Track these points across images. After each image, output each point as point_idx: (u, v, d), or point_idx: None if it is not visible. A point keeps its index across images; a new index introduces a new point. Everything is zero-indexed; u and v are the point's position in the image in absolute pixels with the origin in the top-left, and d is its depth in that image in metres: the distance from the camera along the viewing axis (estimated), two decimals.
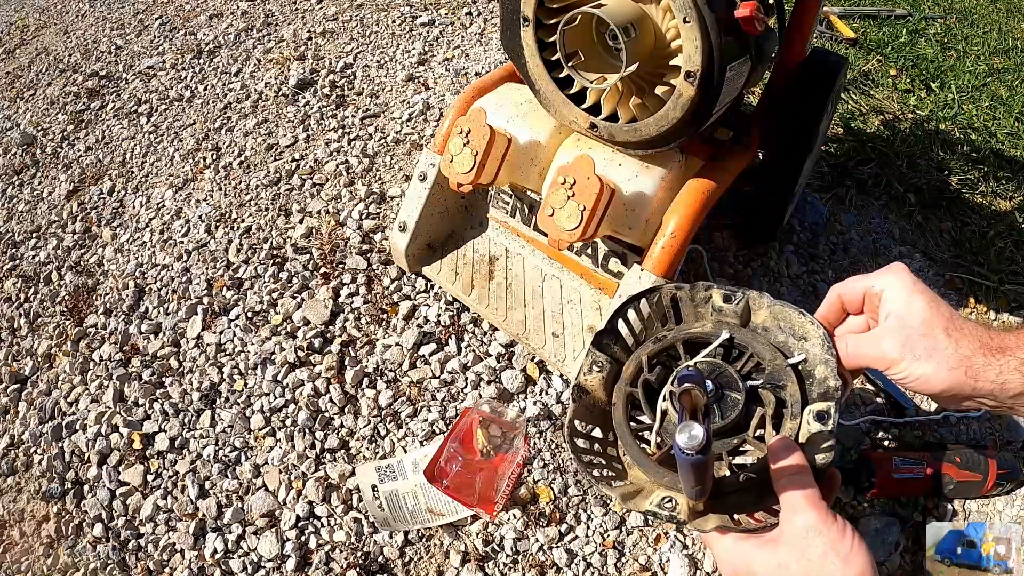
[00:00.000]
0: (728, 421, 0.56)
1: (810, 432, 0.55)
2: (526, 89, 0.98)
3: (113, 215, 1.46)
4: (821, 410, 0.56)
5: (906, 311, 0.52)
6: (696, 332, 0.64)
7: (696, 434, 0.44)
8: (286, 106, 1.66)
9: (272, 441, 1.03)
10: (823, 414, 0.55)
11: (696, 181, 0.92)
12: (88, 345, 1.20)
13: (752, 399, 0.58)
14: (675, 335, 0.65)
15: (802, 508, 0.48)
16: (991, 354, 0.48)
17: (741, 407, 0.57)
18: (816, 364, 0.59)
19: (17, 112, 1.83)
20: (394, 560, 0.91)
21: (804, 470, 0.50)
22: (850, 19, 1.99)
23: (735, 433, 0.57)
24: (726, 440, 0.57)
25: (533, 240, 1.13)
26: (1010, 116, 1.62)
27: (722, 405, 0.58)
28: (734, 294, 0.64)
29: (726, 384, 0.59)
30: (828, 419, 0.55)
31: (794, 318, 0.62)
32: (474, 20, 1.92)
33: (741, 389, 0.57)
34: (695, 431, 0.44)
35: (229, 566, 0.92)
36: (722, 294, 0.64)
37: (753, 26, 0.76)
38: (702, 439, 0.44)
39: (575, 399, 0.64)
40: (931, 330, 0.50)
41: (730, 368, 0.59)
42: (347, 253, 1.26)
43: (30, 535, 0.99)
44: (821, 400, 0.57)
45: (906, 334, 0.51)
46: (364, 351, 1.12)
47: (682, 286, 0.66)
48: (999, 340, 0.48)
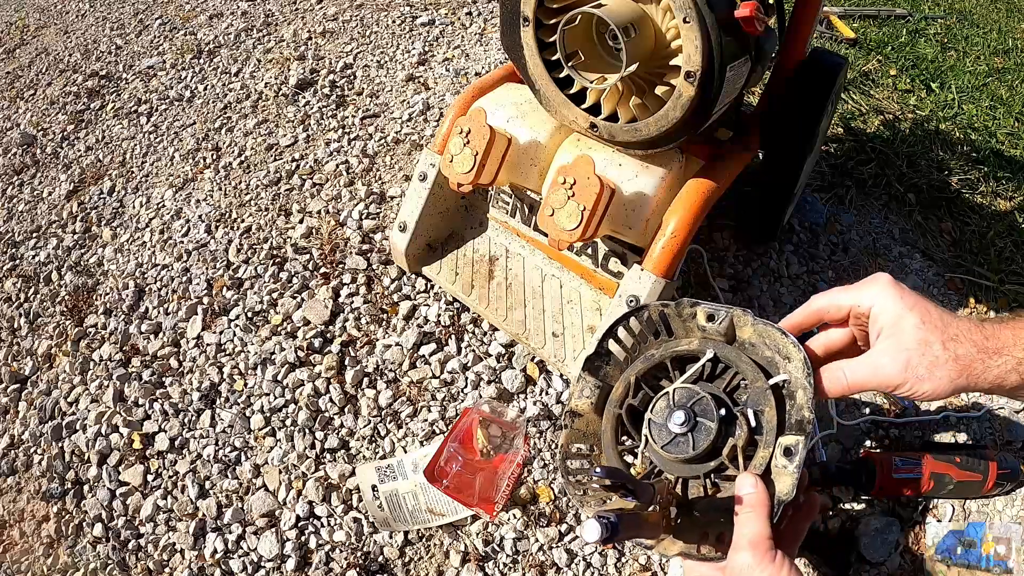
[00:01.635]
0: (699, 452, 0.59)
1: (776, 466, 0.57)
2: (526, 89, 0.98)
3: (113, 215, 1.46)
4: (789, 445, 0.58)
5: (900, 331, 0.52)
6: (683, 349, 0.66)
7: (591, 530, 0.49)
8: (286, 106, 1.66)
9: (272, 441, 1.03)
10: (790, 449, 0.58)
11: (696, 181, 0.92)
12: (88, 345, 1.20)
13: (730, 422, 0.60)
14: (663, 352, 0.67)
15: (743, 547, 0.52)
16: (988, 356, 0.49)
17: (713, 435, 0.59)
18: (797, 388, 0.60)
19: (17, 112, 1.83)
20: (394, 560, 0.91)
21: (758, 508, 0.53)
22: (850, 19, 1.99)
23: (711, 457, 0.60)
24: (703, 464, 0.60)
25: (533, 240, 1.13)
26: (1010, 116, 1.62)
27: (695, 434, 0.60)
28: (717, 313, 0.65)
29: (702, 412, 0.61)
30: (794, 455, 0.57)
31: (777, 337, 0.64)
32: (474, 20, 1.92)
33: (715, 418, 0.59)
34: (590, 527, 0.49)
35: (229, 566, 0.92)
36: (706, 313, 0.66)
37: (753, 26, 0.76)
38: (599, 534, 0.49)
39: (567, 424, 0.66)
40: (928, 347, 0.50)
41: (707, 395, 0.61)
42: (347, 253, 1.26)
43: (30, 535, 0.99)
44: (795, 430, 0.59)
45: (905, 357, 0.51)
46: (364, 351, 1.12)
47: (668, 304, 0.68)
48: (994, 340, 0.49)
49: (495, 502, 0.90)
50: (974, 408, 1.00)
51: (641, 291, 0.91)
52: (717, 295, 1.13)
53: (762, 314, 1.12)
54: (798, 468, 0.57)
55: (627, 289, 0.92)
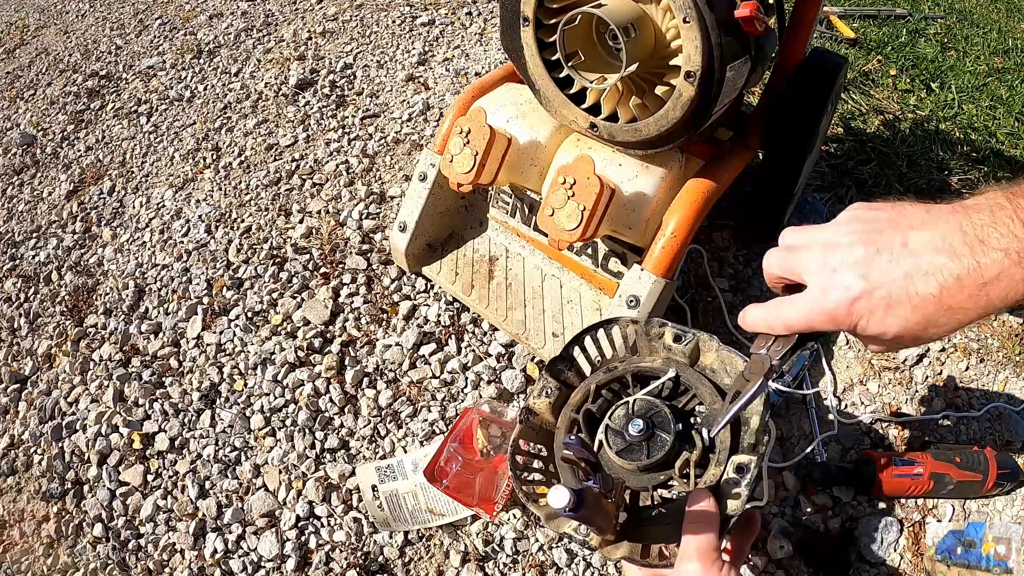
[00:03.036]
0: (654, 460, 0.60)
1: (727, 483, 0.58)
2: (526, 89, 0.98)
3: (113, 215, 1.46)
4: (742, 463, 0.59)
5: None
6: (646, 366, 0.67)
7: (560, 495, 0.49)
8: (286, 106, 1.66)
9: (272, 441, 1.03)
10: (743, 467, 0.58)
11: (696, 181, 0.92)
12: (88, 345, 1.20)
13: (684, 439, 0.61)
14: (626, 367, 0.68)
15: (690, 556, 0.52)
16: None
17: (668, 448, 0.60)
18: (752, 414, 0.61)
19: (17, 112, 1.83)
20: (394, 560, 0.91)
21: (708, 520, 0.53)
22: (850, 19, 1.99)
23: (663, 468, 0.61)
24: (653, 475, 0.61)
25: (533, 240, 1.13)
26: (1010, 116, 1.62)
27: (651, 444, 0.61)
28: (685, 335, 0.66)
29: (659, 424, 0.62)
30: (746, 473, 0.58)
31: (739, 365, 0.65)
32: (474, 20, 1.92)
33: (671, 431, 0.60)
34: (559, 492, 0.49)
35: (229, 566, 0.92)
36: (673, 334, 0.67)
37: (753, 26, 0.76)
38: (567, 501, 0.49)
39: (522, 420, 0.67)
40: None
41: (666, 409, 0.62)
42: (347, 253, 1.26)
43: (30, 535, 0.99)
44: (748, 452, 0.60)
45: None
46: (364, 351, 1.12)
47: (637, 320, 0.69)
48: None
49: (495, 502, 0.90)
50: (974, 408, 1.00)
51: (641, 291, 0.91)
52: (717, 295, 1.13)
53: None
54: (748, 486, 0.58)
55: (627, 289, 0.92)
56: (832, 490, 0.93)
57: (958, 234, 0.41)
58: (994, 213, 0.41)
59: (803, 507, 0.91)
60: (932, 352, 1.07)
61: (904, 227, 0.45)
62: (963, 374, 1.04)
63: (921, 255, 0.43)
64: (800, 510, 0.92)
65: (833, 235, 0.48)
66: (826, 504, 0.92)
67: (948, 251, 0.41)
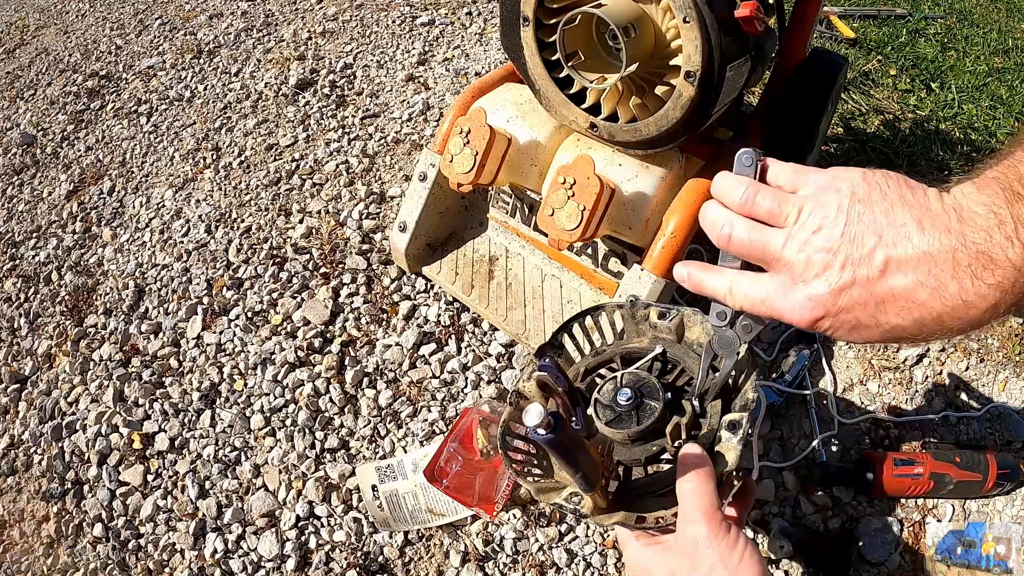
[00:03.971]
0: (644, 426, 0.58)
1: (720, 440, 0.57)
2: (526, 89, 0.98)
3: (113, 215, 1.46)
4: (733, 420, 0.58)
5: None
6: (633, 347, 0.68)
7: (533, 410, 0.46)
8: (286, 106, 1.66)
9: (272, 441, 1.03)
10: (734, 423, 0.57)
11: (696, 181, 0.92)
12: (88, 345, 1.20)
13: (674, 408, 0.60)
14: (614, 349, 0.69)
15: (695, 519, 0.48)
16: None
17: (658, 414, 0.59)
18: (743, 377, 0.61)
19: (17, 112, 1.83)
20: (394, 560, 0.91)
21: (705, 480, 0.50)
22: (850, 19, 1.99)
23: (655, 438, 0.59)
24: (645, 446, 0.59)
25: (533, 240, 1.13)
26: (1010, 116, 1.62)
27: (640, 412, 0.60)
28: (669, 311, 0.67)
29: (648, 394, 0.61)
30: (738, 428, 0.57)
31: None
32: (474, 20, 1.92)
33: (660, 398, 0.59)
34: (532, 408, 0.46)
35: (229, 566, 0.92)
36: (658, 311, 0.67)
37: (753, 26, 0.76)
38: (540, 416, 0.46)
39: (512, 403, 0.67)
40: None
41: (653, 379, 0.61)
42: (347, 253, 1.26)
43: (30, 535, 0.99)
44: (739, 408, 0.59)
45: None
46: (364, 351, 1.12)
47: (623, 304, 0.69)
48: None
49: (495, 502, 0.90)
50: (974, 408, 1.00)
51: (641, 291, 0.91)
52: None
53: None
54: (741, 441, 0.56)
55: (627, 289, 0.92)
56: (832, 490, 0.93)
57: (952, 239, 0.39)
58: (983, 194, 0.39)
59: (803, 507, 0.91)
60: (932, 352, 1.07)
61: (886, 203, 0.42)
62: (963, 374, 1.04)
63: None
64: (800, 510, 0.92)
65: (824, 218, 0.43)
66: (826, 504, 0.92)
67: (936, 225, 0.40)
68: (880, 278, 0.40)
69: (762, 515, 0.91)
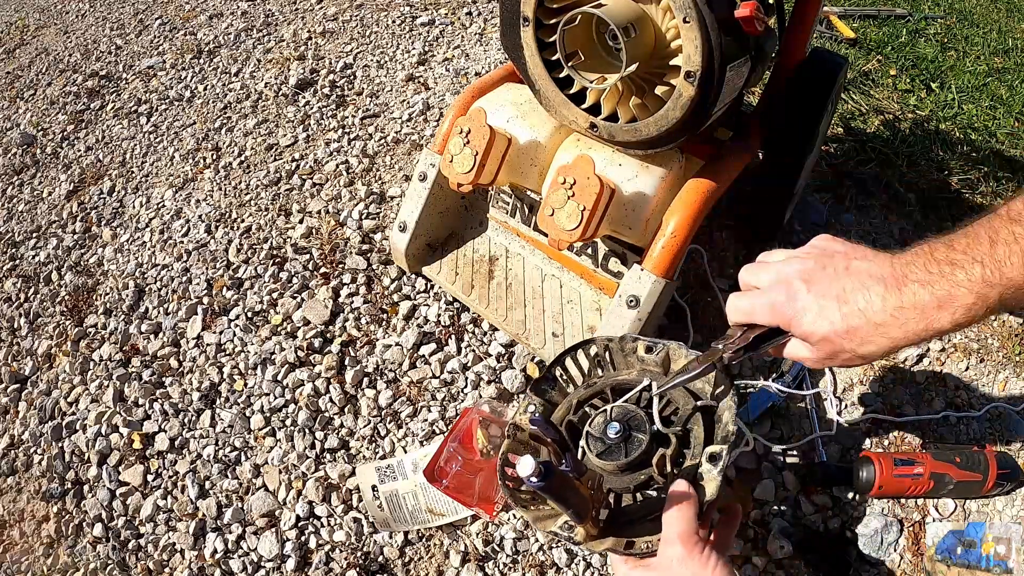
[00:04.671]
0: (632, 458, 0.64)
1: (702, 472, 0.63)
2: (526, 89, 0.98)
3: (113, 215, 1.46)
4: (714, 452, 0.64)
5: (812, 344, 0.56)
6: (622, 379, 0.73)
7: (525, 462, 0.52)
8: (286, 106, 1.66)
9: (272, 441, 1.03)
10: (715, 456, 0.63)
11: (696, 181, 0.92)
12: (88, 345, 1.20)
13: (660, 439, 0.66)
14: (604, 381, 0.75)
15: (672, 541, 0.55)
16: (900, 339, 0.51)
17: (644, 446, 0.64)
18: (723, 410, 0.67)
19: (17, 112, 1.83)
20: (394, 560, 0.91)
21: (686, 504, 0.56)
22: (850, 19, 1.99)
23: (642, 468, 0.65)
24: (633, 475, 0.65)
25: (533, 240, 1.13)
26: (1010, 116, 1.62)
27: (628, 444, 0.66)
28: (655, 346, 0.73)
29: (635, 427, 0.67)
30: (719, 461, 0.63)
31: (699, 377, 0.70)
32: (474, 20, 1.92)
33: (647, 432, 0.65)
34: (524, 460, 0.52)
35: (229, 566, 0.92)
36: (645, 345, 0.73)
37: (753, 26, 0.76)
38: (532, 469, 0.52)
39: (509, 435, 0.72)
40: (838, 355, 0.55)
41: (640, 412, 0.67)
42: (347, 253, 1.26)
43: (30, 535, 0.99)
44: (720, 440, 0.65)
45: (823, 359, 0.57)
46: (364, 351, 1.12)
47: (612, 339, 0.75)
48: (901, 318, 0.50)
49: (495, 502, 0.90)
50: (974, 408, 1.00)
51: (641, 291, 0.91)
52: (717, 295, 1.13)
53: None
54: (721, 472, 0.62)
55: (627, 289, 0.92)
56: (832, 490, 0.93)
57: (888, 267, 0.51)
58: (916, 255, 0.51)
59: (803, 507, 0.91)
60: (932, 352, 1.07)
61: (851, 256, 0.54)
62: (963, 374, 1.04)
63: (857, 276, 0.52)
64: (800, 510, 0.92)
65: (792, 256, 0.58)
66: (826, 504, 0.92)
67: (877, 277, 0.51)
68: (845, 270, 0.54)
69: (762, 515, 0.91)
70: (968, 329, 1.10)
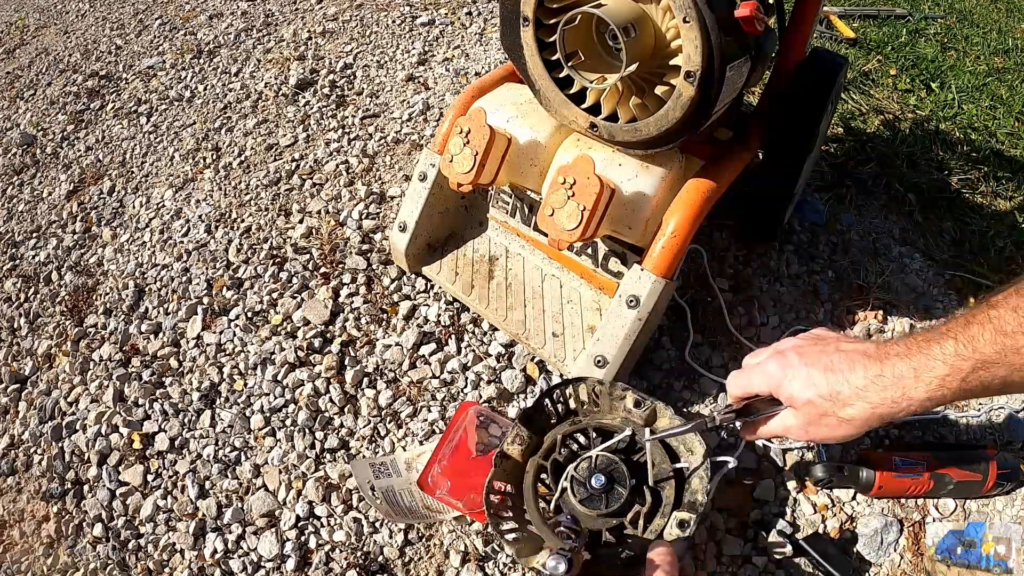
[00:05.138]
0: (612, 509, 0.75)
1: (671, 534, 0.73)
2: (526, 89, 0.98)
3: (113, 215, 1.46)
4: (683, 519, 0.74)
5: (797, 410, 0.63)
6: (607, 423, 0.82)
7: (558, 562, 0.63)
8: (286, 106, 1.66)
9: (272, 441, 1.03)
10: (684, 523, 0.73)
11: (696, 181, 0.92)
12: (88, 345, 1.20)
13: (636, 492, 0.76)
14: (589, 420, 0.82)
15: None
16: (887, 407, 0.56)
17: (623, 501, 0.74)
18: (695, 476, 0.77)
19: (17, 112, 1.83)
20: (394, 560, 0.91)
21: (670, 569, 0.66)
22: (850, 19, 1.99)
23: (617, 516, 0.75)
24: (607, 519, 0.75)
25: (533, 240, 1.13)
26: (1010, 116, 1.62)
27: (610, 496, 0.75)
28: (644, 401, 0.80)
29: (618, 479, 0.76)
30: (687, 527, 0.73)
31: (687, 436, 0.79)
32: (474, 20, 1.92)
33: (627, 486, 0.75)
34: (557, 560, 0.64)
35: (229, 566, 0.92)
36: (633, 399, 0.81)
37: (753, 26, 0.76)
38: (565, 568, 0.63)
39: (496, 463, 0.79)
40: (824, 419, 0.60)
41: (623, 466, 0.76)
42: (347, 253, 1.26)
43: (30, 535, 0.99)
44: (688, 509, 0.75)
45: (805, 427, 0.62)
46: (364, 351, 1.12)
47: (602, 382, 0.83)
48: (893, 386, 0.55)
49: None
50: (974, 408, 1.00)
51: (641, 291, 0.91)
52: (717, 295, 1.13)
53: (762, 314, 1.12)
54: (687, 538, 0.72)
55: (627, 289, 0.92)
56: (832, 490, 0.93)
57: (872, 347, 0.58)
58: (901, 337, 0.57)
59: (803, 507, 0.91)
60: None
61: (841, 339, 0.62)
62: None
63: (845, 353, 0.59)
64: (800, 510, 0.91)
65: (789, 340, 0.66)
66: (826, 504, 0.92)
67: (862, 353, 0.58)
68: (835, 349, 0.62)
69: (762, 515, 0.91)
70: None
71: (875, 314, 1.11)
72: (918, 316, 1.12)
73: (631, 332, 0.92)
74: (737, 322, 1.11)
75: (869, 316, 1.11)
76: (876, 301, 1.14)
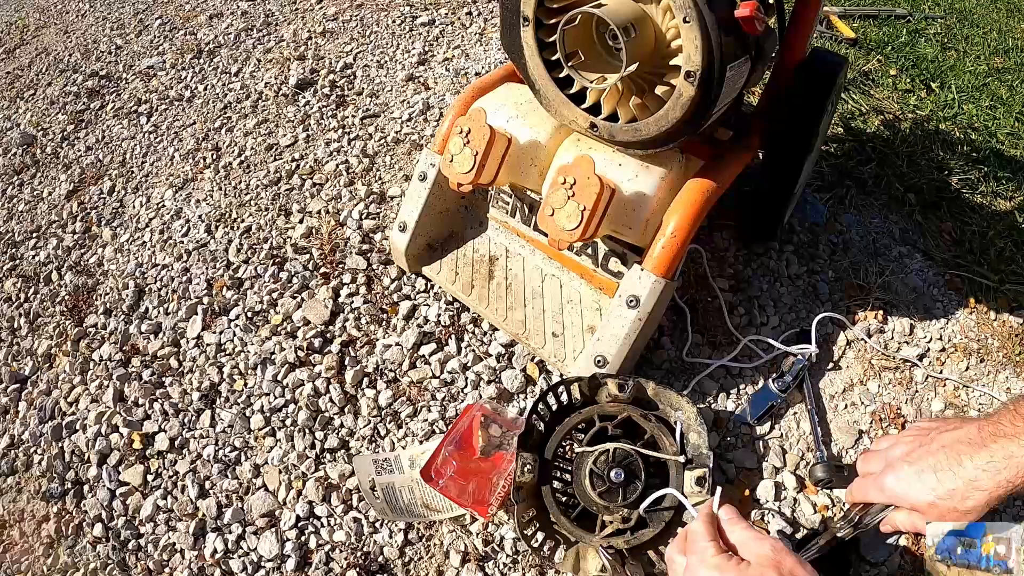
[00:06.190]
0: (629, 502, 0.81)
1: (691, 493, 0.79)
2: (526, 89, 0.98)
3: (113, 215, 1.46)
4: (699, 476, 0.79)
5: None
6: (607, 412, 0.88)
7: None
8: (286, 106, 1.66)
9: (272, 441, 1.03)
10: (702, 479, 0.79)
11: (696, 181, 0.92)
12: (88, 345, 1.20)
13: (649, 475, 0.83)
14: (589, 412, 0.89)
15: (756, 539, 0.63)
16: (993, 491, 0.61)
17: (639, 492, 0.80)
18: (689, 431, 0.84)
19: (17, 112, 1.83)
20: (394, 560, 0.91)
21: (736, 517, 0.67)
22: (850, 19, 1.99)
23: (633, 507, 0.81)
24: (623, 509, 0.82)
25: (533, 240, 1.13)
26: (1010, 116, 1.62)
27: (627, 489, 0.81)
28: (625, 384, 0.87)
29: (634, 473, 0.82)
30: (705, 482, 0.78)
31: (672, 396, 0.88)
32: (474, 20, 1.92)
33: (642, 479, 0.81)
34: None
35: (229, 566, 0.92)
36: (616, 384, 0.88)
37: (753, 26, 0.76)
38: None
39: (516, 500, 0.83)
40: (950, 512, 0.65)
41: (639, 460, 0.82)
42: (347, 253, 1.26)
43: (30, 535, 0.99)
44: (697, 465, 0.80)
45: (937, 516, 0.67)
46: (364, 351, 1.12)
47: (583, 379, 0.89)
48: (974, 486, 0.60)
49: (489, 503, 0.90)
50: (974, 408, 1.00)
51: (641, 291, 0.91)
52: (717, 295, 1.13)
53: (762, 314, 1.12)
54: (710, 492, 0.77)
55: (627, 289, 0.92)
56: (832, 490, 0.93)
57: (975, 432, 0.61)
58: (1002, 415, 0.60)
59: (803, 507, 0.91)
60: (932, 352, 1.07)
61: (943, 430, 0.64)
62: (963, 374, 1.04)
63: (950, 447, 0.62)
64: (800, 510, 0.91)
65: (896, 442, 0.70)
66: (826, 504, 0.92)
67: (966, 442, 0.61)
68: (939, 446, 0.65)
69: (762, 515, 0.91)
70: (968, 329, 1.10)
71: (875, 314, 1.11)
72: (918, 316, 1.12)
73: (631, 332, 0.92)
74: (737, 322, 1.11)
75: (869, 316, 1.11)
76: (876, 301, 1.14)
